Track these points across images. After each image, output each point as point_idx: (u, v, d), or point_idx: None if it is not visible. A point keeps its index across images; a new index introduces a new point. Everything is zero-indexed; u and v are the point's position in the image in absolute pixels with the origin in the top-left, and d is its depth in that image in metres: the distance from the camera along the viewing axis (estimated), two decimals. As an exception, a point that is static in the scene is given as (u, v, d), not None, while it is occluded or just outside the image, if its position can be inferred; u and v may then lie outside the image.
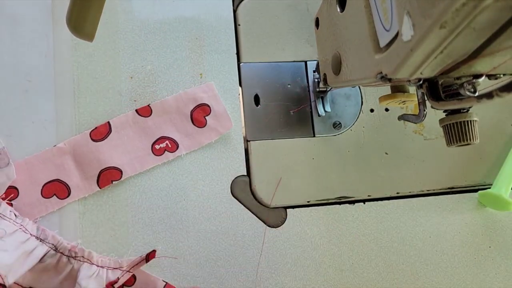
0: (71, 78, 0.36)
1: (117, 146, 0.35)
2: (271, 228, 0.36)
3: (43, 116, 0.35)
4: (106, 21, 0.38)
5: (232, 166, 0.37)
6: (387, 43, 0.20)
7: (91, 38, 0.23)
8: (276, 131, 0.38)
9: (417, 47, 0.17)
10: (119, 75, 0.37)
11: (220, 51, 0.39)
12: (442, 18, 0.15)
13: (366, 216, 0.37)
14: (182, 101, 0.36)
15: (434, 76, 0.20)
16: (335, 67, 0.29)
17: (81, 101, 0.36)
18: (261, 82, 0.39)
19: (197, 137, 0.36)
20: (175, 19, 0.39)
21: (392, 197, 0.38)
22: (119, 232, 0.34)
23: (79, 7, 0.22)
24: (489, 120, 0.41)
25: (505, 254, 0.38)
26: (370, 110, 0.40)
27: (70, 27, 0.22)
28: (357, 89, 0.40)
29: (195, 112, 0.36)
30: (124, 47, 0.38)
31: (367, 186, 0.38)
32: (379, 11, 0.21)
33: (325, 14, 0.30)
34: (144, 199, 0.35)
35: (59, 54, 0.37)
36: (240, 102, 0.39)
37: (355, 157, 0.38)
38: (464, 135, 0.25)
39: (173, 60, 0.38)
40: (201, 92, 0.37)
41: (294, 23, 0.41)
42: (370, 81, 0.23)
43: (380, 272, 0.36)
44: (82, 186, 0.34)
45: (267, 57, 0.40)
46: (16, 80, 0.35)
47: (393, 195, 0.38)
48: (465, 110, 0.25)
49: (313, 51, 0.41)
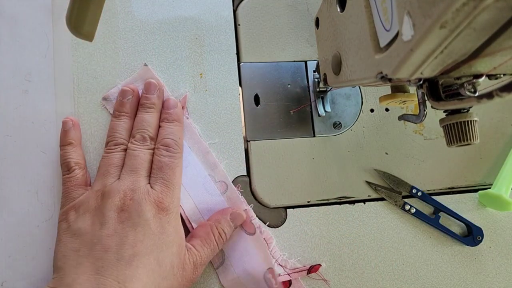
0: (71, 78, 0.36)
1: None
2: (271, 228, 0.36)
3: (43, 116, 0.35)
4: (106, 21, 0.38)
5: (232, 166, 0.37)
6: (387, 43, 0.20)
7: (90, 38, 0.23)
8: (276, 131, 0.38)
9: (417, 47, 0.17)
10: (119, 75, 0.37)
11: (220, 51, 0.39)
12: (442, 18, 0.15)
13: (366, 216, 0.37)
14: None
15: (434, 76, 0.20)
16: (335, 67, 0.29)
17: (81, 101, 0.36)
18: (261, 82, 0.39)
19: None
20: (175, 19, 0.39)
21: (392, 197, 0.38)
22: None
23: (78, 7, 0.22)
24: (489, 120, 0.41)
25: (505, 254, 0.38)
26: (370, 110, 0.40)
27: (70, 27, 0.22)
28: (357, 89, 0.40)
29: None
30: (124, 47, 0.38)
31: (368, 186, 0.38)
32: (379, 11, 0.20)
33: (325, 14, 0.30)
34: (144, 199, 0.35)
35: (59, 54, 0.37)
36: (240, 102, 0.39)
37: (355, 157, 0.38)
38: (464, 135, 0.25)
39: (173, 60, 0.38)
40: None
41: (294, 23, 0.41)
42: (370, 81, 0.23)
43: (380, 272, 0.36)
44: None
45: (267, 57, 0.40)
46: (16, 80, 0.35)
47: (393, 195, 0.38)
48: (465, 110, 0.25)
49: (313, 51, 0.41)
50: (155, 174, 0.32)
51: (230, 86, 0.39)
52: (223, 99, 0.38)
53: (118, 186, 0.31)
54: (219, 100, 0.38)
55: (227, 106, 0.38)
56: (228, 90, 0.38)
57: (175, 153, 0.33)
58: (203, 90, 0.38)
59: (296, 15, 0.41)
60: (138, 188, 0.30)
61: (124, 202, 0.30)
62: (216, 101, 0.38)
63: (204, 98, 0.38)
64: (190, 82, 0.38)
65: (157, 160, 0.32)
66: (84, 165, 0.34)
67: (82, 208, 0.31)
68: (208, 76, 0.38)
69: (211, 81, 0.38)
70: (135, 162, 0.32)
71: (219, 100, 0.38)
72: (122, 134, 0.34)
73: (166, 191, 0.31)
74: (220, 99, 0.38)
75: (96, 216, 0.30)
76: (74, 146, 0.34)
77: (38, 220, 0.33)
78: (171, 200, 0.31)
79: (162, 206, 0.30)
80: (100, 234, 0.29)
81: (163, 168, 0.32)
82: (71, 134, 0.34)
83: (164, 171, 0.32)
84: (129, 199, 0.30)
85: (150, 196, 0.30)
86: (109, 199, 0.30)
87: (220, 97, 0.38)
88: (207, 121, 0.37)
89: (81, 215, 0.30)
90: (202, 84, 0.38)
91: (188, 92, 0.37)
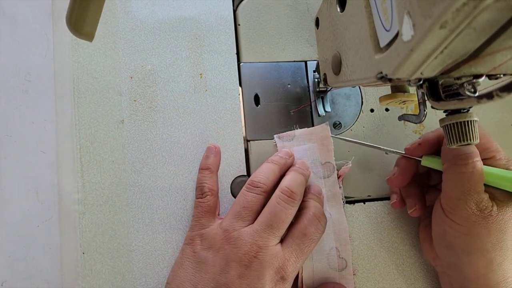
0: (71, 78, 0.36)
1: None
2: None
3: (43, 116, 0.35)
4: (106, 21, 0.38)
5: (232, 166, 0.37)
6: (387, 43, 0.20)
7: (91, 38, 0.23)
8: (276, 131, 0.38)
9: (417, 47, 0.17)
10: (119, 75, 0.37)
11: (220, 51, 0.39)
12: (442, 18, 0.15)
13: (366, 216, 0.37)
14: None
15: (434, 76, 0.20)
16: (335, 67, 0.29)
17: (81, 101, 0.36)
18: (261, 82, 0.39)
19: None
20: (175, 19, 0.39)
21: (392, 197, 0.38)
22: (119, 232, 0.34)
23: (78, 7, 0.22)
24: (489, 120, 0.41)
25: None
26: (370, 110, 0.40)
27: (70, 27, 0.22)
28: (357, 89, 0.40)
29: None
30: (124, 47, 0.38)
31: (367, 186, 0.38)
32: (379, 11, 0.20)
33: (325, 14, 0.30)
34: (144, 199, 0.35)
35: (59, 54, 0.37)
36: (240, 102, 0.39)
37: (355, 157, 0.38)
38: (464, 135, 0.25)
39: (173, 60, 0.38)
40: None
41: (294, 23, 0.41)
42: (370, 81, 0.23)
43: (380, 272, 0.36)
44: None
45: (267, 57, 0.40)
46: (16, 80, 0.35)
47: (393, 195, 0.38)
48: (465, 110, 0.25)
49: (313, 51, 0.41)
50: (293, 238, 0.30)
51: (230, 86, 0.39)
52: (223, 99, 0.38)
53: (248, 236, 0.29)
54: (219, 100, 0.38)
55: (227, 106, 0.38)
56: (228, 90, 0.38)
57: (321, 228, 0.31)
58: (203, 90, 0.38)
59: (296, 15, 0.41)
60: (266, 247, 0.29)
61: (248, 257, 0.28)
62: (216, 101, 0.38)
63: (204, 98, 0.38)
64: (190, 82, 0.38)
65: (304, 226, 0.31)
66: (216, 192, 0.35)
67: (207, 241, 0.31)
68: (208, 76, 0.38)
69: (211, 81, 0.38)
70: (275, 218, 0.30)
71: (219, 100, 0.38)
72: (269, 179, 0.32)
73: (295, 261, 0.29)
74: (220, 99, 0.38)
75: (219, 258, 0.29)
76: (211, 172, 0.35)
77: (38, 220, 0.33)
78: (294, 269, 0.30)
79: (283, 275, 0.29)
80: (218, 280, 0.28)
81: (305, 237, 0.30)
82: (211, 160, 0.35)
83: (304, 240, 0.30)
84: (254, 255, 0.28)
85: (276, 260, 0.29)
86: (234, 247, 0.29)
87: (220, 97, 0.38)
88: (207, 121, 0.37)
89: (205, 249, 0.30)
90: (202, 84, 0.38)
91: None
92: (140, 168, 0.36)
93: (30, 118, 0.35)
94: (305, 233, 0.30)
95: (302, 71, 0.40)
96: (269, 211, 0.30)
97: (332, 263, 0.35)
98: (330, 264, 0.34)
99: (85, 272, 0.33)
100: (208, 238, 0.31)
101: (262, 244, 0.29)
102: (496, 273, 0.29)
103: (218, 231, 0.31)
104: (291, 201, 0.31)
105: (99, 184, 0.35)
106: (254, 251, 0.28)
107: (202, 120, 0.37)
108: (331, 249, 0.35)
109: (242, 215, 0.30)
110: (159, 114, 0.37)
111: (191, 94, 0.38)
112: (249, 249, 0.29)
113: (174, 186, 0.36)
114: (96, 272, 0.33)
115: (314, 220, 0.31)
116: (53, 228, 0.33)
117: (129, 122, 0.36)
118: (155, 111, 0.37)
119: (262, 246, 0.29)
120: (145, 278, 0.34)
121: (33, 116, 0.35)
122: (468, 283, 0.30)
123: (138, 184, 0.35)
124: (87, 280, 0.33)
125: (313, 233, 0.31)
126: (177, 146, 0.36)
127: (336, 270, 0.35)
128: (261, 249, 0.28)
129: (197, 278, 0.29)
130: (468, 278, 0.30)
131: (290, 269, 0.29)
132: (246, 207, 0.31)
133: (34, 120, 0.35)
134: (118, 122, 0.36)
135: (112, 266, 0.33)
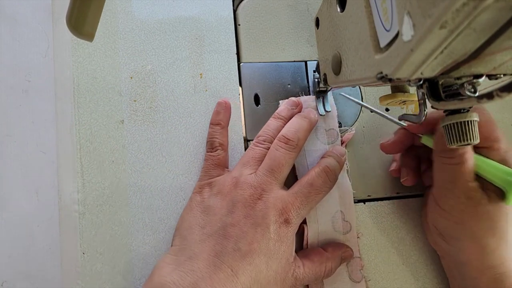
0: (71, 78, 0.36)
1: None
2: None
3: (43, 116, 0.35)
4: (106, 21, 0.38)
5: (232, 166, 0.37)
6: (387, 43, 0.20)
7: (91, 38, 0.23)
8: (276, 131, 0.38)
9: (417, 47, 0.17)
10: (119, 75, 0.37)
11: (220, 51, 0.39)
12: (442, 18, 0.15)
13: (366, 216, 0.37)
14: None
15: (434, 76, 0.20)
16: (335, 67, 0.29)
17: (81, 101, 0.36)
18: (261, 82, 0.39)
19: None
20: (175, 19, 0.39)
21: (392, 197, 0.38)
22: (119, 232, 0.34)
23: (79, 7, 0.22)
24: (489, 120, 0.41)
25: (505, 254, 0.38)
26: (370, 110, 0.40)
27: (70, 27, 0.22)
28: (357, 89, 0.40)
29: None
30: (124, 47, 0.38)
31: (367, 186, 0.38)
32: (379, 11, 0.20)
33: (325, 14, 0.30)
34: (144, 199, 0.35)
35: (59, 54, 0.37)
36: (240, 102, 0.39)
37: (355, 157, 0.38)
38: (464, 135, 0.25)
39: (173, 60, 0.38)
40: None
41: (294, 23, 0.41)
42: (370, 81, 0.23)
43: (380, 272, 0.36)
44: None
45: (267, 57, 0.40)
46: (16, 80, 0.35)
47: (393, 195, 0.38)
48: (465, 110, 0.25)
49: (313, 51, 0.41)
50: (299, 186, 0.32)
51: (230, 86, 0.39)
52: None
53: (253, 180, 0.31)
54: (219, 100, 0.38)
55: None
56: (228, 90, 0.38)
57: (329, 183, 0.32)
58: (203, 90, 0.38)
59: (296, 15, 0.41)
60: (270, 190, 0.31)
61: (253, 198, 0.30)
62: (216, 101, 0.38)
63: (204, 98, 0.38)
64: (190, 82, 0.38)
65: (311, 177, 0.32)
66: (226, 147, 0.36)
67: (216, 188, 0.32)
68: (208, 76, 0.38)
69: (211, 81, 0.38)
70: (274, 163, 0.32)
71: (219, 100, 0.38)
72: (274, 133, 0.34)
73: (298, 206, 0.31)
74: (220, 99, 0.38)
75: (226, 201, 0.31)
76: (222, 128, 0.36)
77: (38, 220, 0.33)
78: (297, 215, 0.31)
79: (286, 217, 0.30)
80: (225, 221, 0.30)
81: (311, 187, 0.31)
82: (221, 116, 0.36)
83: (310, 190, 0.31)
84: (258, 197, 0.30)
85: (280, 202, 0.30)
86: (240, 190, 0.31)
87: (220, 97, 0.38)
88: (207, 121, 0.37)
89: (214, 194, 0.32)
90: (202, 84, 0.38)
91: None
92: (140, 168, 0.36)
93: (30, 118, 0.35)
94: (311, 183, 0.32)
95: (302, 71, 0.40)
96: (269, 157, 0.32)
97: (337, 226, 0.35)
98: (335, 227, 0.35)
99: (85, 272, 0.33)
100: (217, 185, 0.33)
101: (266, 187, 0.31)
102: (490, 257, 0.30)
103: (227, 178, 0.33)
104: (288, 146, 0.32)
105: (99, 184, 0.35)
106: (258, 193, 0.30)
107: (202, 120, 0.37)
108: (336, 212, 0.35)
109: (250, 163, 0.33)
110: (159, 114, 0.37)
111: (191, 94, 0.38)
112: (254, 191, 0.30)
113: (174, 186, 0.36)
114: (96, 272, 0.33)
115: (323, 174, 0.32)
116: (53, 228, 0.33)
117: (129, 122, 0.36)
118: (155, 111, 0.37)
119: (266, 189, 0.31)
120: (145, 278, 0.34)
121: (33, 116, 0.35)
122: (462, 267, 0.31)
123: (138, 184, 0.35)
124: (87, 280, 0.33)
125: (320, 185, 0.32)
126: (177, 146, 0.36)
127: (341, 233, 0.35)
128: (265, 191, 0.31)
129: (205, 221, 0.31)
130: (462, 262, 0.31)
131: (293, 213, 0.30)
132: (254, 157, 0.33)
133: (34, 120, 0.35)
134: (118, 122, 0.36)
135: (112, 266, 0.33)
